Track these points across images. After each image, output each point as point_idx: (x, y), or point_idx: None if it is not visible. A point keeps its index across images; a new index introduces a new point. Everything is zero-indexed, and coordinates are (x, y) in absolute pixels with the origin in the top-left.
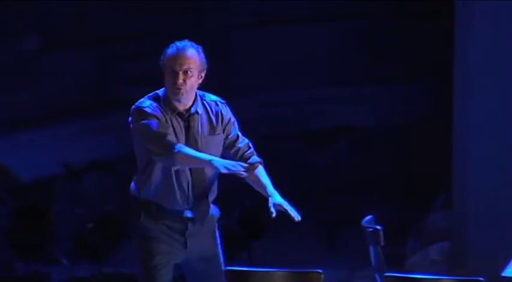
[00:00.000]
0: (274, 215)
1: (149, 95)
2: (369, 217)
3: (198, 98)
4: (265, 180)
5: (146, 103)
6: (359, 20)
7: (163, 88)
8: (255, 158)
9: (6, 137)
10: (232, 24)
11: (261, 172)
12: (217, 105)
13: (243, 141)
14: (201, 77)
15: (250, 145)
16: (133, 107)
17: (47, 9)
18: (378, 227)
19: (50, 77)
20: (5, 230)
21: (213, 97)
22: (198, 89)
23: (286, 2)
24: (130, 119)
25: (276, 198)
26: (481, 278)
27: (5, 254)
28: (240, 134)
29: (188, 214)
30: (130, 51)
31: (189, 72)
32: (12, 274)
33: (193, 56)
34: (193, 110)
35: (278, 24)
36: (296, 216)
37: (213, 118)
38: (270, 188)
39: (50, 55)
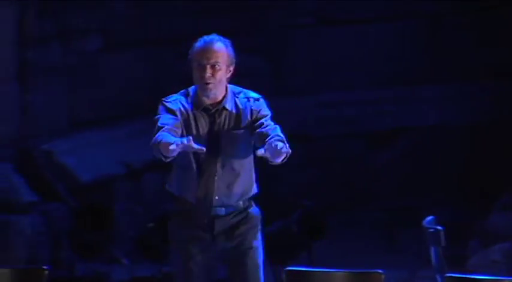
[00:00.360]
0: (258, 152)
1: (182, 90)
2: (429, 218)
3: (230, 93)
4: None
5: (171, 98)
6: (421, 20)
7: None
8: (276, 138)
9: (66, 137)
10: (292, 24)
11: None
12: (248, 101)
13: (269, 126)
14: (230, 71)
15: (278, 130)
16: None
17: (108, 9)
18: (439, 228)
19: (110, 78)
20: (65, 230)
21: (251, 93)
22: (233, 84)
23: (346, 1)
24: None
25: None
26: None
27: (65, 253)
28: (270, 122)
29: (216, 211)
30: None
31: (216, 66)
32: (72, 274)
33: (220, 49)
34: (221, 105)
35: (338, 24)
36: (284, 148)
37: (243, 114)
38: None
39: (111, 55)
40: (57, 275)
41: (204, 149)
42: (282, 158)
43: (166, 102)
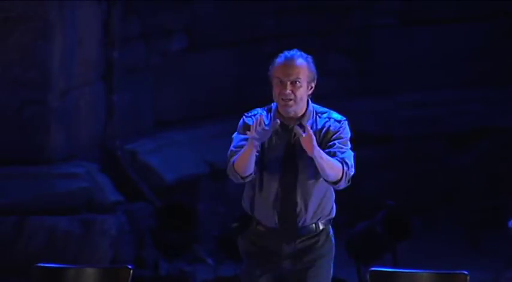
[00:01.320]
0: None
1: (266, 106)
2: None
3: (311, 111)
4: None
5: (252, 112)
6: (504, 19)
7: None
8: (337, 158)
9: (151, 137)
10: (374, 24)
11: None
12: (328, 120)
13: (340, 149)
14: (311, 88)
15: (347, 154)
16: None
17: (193, 9)
18: None
19: (194, 77)
20: (150, 229)
21: (334, 114)
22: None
23: (428, 2)
24: None
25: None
26: None
27: (150, 253)
28: (342, 146)
29: (285, 234)
30: (274, 51)
31: (297, 82)
32: (156, 273)
33: (302, 65)
34: (300, 122)
35: (421, 24)
36: (299, 129)
37: (320, 134)
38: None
39: (195, 55)
40: (142, 274)
41: (278, 121)
42: (316, 151)
43: (247, 117)
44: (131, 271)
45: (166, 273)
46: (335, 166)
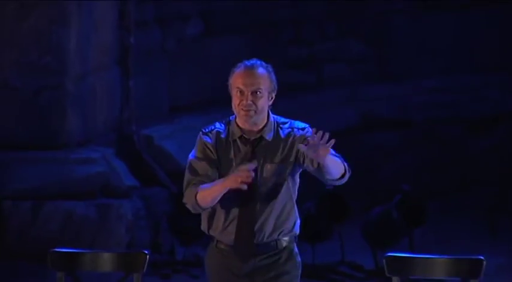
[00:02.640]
0: (300, 146)
1: (224, 119)
2: None
3: (272, 123)
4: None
5: (210, 128)
6: None
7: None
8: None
9: (166, 122)
10: (392, 9)
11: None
12: (292, 130)
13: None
14: (272, 98)
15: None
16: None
17: None
18: None
19: (209, 62)
20: (165, 214)
21: (296, 123)
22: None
23: None
24: None
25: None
26: None
27: (166, 238)
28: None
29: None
30: (291, 37)
31: (258, 92)
32: (172, 258)
33: (263, 75)
34: (261, 134)
35: (439, 9)
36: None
37: (282, 145)
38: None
39: (211, 40)
40: (158, 259)
41: (254, 166)
42: (330, 160)
43: (204, 135)
44: (147, 256)
45: (182, 258)
46: (339, 164)
